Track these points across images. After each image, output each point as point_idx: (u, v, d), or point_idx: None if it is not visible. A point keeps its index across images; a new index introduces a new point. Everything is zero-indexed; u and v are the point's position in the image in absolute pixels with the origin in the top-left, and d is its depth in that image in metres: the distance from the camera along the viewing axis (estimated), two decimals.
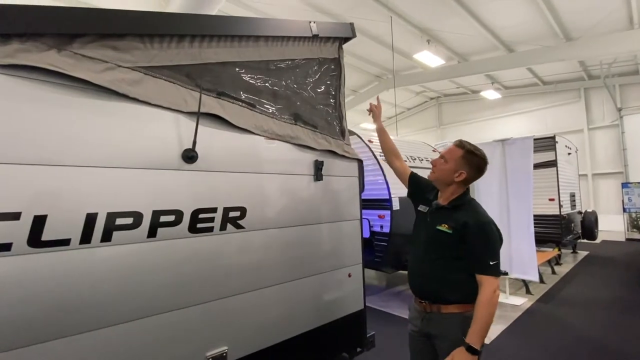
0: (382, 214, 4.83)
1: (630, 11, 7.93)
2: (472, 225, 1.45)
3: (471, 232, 1.44)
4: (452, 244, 1.48)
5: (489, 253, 1.42)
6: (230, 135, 1.83)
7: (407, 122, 17.80)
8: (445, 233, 1.49)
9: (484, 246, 1.44)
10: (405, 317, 4.25)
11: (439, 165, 1.61)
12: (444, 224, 1.51)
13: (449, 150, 1.60)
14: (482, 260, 1.42)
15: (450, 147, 1.61)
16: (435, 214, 1.59)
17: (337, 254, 2.32)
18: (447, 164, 1.57)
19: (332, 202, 2.31)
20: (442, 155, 1.61)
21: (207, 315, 1.67)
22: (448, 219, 1.51)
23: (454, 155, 1.57)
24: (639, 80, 11.54)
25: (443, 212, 1.56)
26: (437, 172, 1.61)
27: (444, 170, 1.58)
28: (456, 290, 1.47)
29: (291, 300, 2.04)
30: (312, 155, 2.21)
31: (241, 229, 1.81)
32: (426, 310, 1.54)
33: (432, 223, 1.56)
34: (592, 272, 6.30)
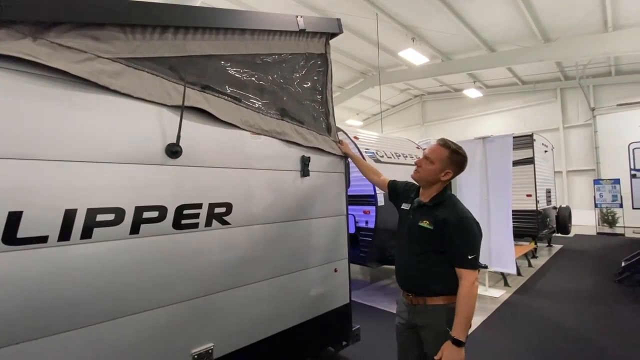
0: (368, 210, 4.89)
1: (605, 14, 8.27)
2: (451, 221, 1.49)
3: (451, 227, 1.49)
4: (434, 239, 1.53)
5: (468, 247, 1.47)
6: (216, 130, 1.80)
7: (391, 119, 17.99)
8: (427, 229, 1.54)
9: (463, 241, 1.48)
10: (390, 310, 4.34)
11: (425, 165, 1.63)
12: (425, 220, 1.56)
13: (434, 151, 1.62)
14: (461, 254, 1.47)
15: (434, 148, 1.63)
16: (418, 211, 1.64)
17: (323, 250, 2.34)
18: (434, 164, 1.60)
19: (319, 198, 2.32)
20: (426, 156, 1.64)
21: (192, 313, 1.65)
22: (429, 215, 1.56)
23: (440, 155, 1.59)
24: (611, 81, 12.08)
25: (425, 209, 1.61)
26: (421, 172, 1.64)
27: (429, 170, 1.61)
28: (440, 283, 1.52)
29: (278, 296, 2.04)
30: (298, 151, 2.21)
31: (227, 225, 1.79)
32: (412, 302, 1.59)
33: (415, 220, 1.61)
34: (565, 265, 6.61)
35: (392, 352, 3.25)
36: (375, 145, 5.50)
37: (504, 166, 5.02)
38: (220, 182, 1.79)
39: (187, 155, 1.66)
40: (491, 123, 14.66)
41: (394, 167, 5.46)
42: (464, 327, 1.40)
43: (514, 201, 5.91)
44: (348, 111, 16.88)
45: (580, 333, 3.60)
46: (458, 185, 5.84)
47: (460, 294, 1.43)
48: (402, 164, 5.77)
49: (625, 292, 4.87)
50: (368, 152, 5.16)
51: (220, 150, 1.81)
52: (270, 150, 2.05)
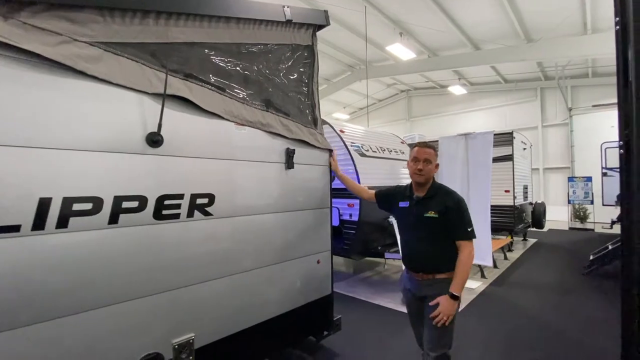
0: (352, 203, 4.94)
1: (585, 17, 8.55)
2: (451, 206, 1.81)
3: (452, 211, 1.80)
4: (438, 225, 1.82)
5: (466, 223, 1.81)
6: (199, 120, 1.77)
7: (377, 113, 18.10)
8: (433, 217, 1.82)
9: (462, 219, 1.81)
10: (370, 301, 4.42)
11: (426, 167, 1.88)
12: (430, 211, 1.83)
13: (427, 153, 1.90)
14: (462, 229, 1.79)
15: (426, 150, 1.90)
16: (419, 205, 1.90)
17: (307, 242, 2.36)
18: (432, 163, 1.90)
19: (303, 191, 2.34)
20: (425, 159, 1.88)
21: (173, 303, 1.65)
22: (431, 206, 1.85)
23: (432, 155, 1.90)
24: (588, 83, 12.55)
25: (425, 202, 1.89)
26: (427, 174, 1.89)
27: (431, 169, 1.90)
28: (446, 262, 1.81)
29: (260, 287, 2.06)
30: (283, 143, 2.20)
31: (209, 216, 1.78)
32: (423, 278, 1.88)
33: (419, 212, 1.87)
34: (539, 258, 6.92)
35: (372, 340, 3.36)
36: (361, 139, 5.54)
37: (484, 162, 5.17)
38: (202, 172, 1.77)
39: (168, 145, 1.63)
40: (474, 120, 15.00)
41: (379, 162, 5.53)
42: (461, 286, 1.73)
43: (493, 196, 6.11)
44: (335, 104, 16.86)
45: (550, 322, 3.80)
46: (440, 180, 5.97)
47: (461, 261, 1.76)
48: (387, 159, 5.85)
49: (592, 284, 5.16)
50: (354, 146, 5.20)
51: (203, 141, 1.79)
52: (254, 141, 2.04)
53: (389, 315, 4.05)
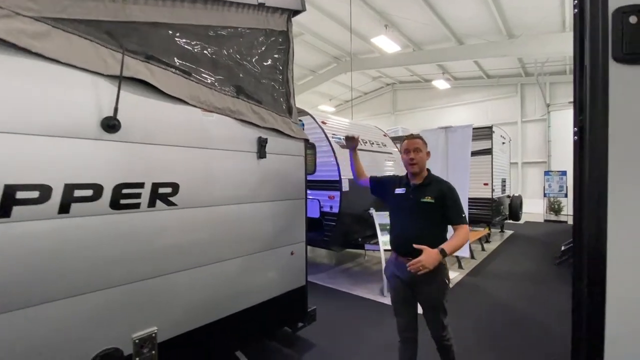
0: (332, 195, 4.93)
1: (564, 15, 8.73)
2: (446, 192, 1.96)
3: (447, 197, 1.94)
4: (434, 210, 1.94)
5: (459, 208, 1.96)
6: (161, 105, 1.68)
7: (363, 106, 18.10)
8: (430, 203, 1.94)
9: (456, 205, 1.96)
10: (349, 292, 4.44)
11: (418, 157, 2.00)
12: (427, 196, 1.96)
13: (416, 143, 2.02)
14: (457, 214, 1.94)
15: (414, 141, 2.03)
16: (416, 191, 2.02)
17: (280, 233, 2.32)
18: (422, 152, 2.02)
19: (276, 181, 2.28)
20: (414, 149, 2.00)
21: (133, 296, 1.57)
22: (428, 192, 1.97)
23: (419, 144, 2.03)
24: (566, 79, 12.90)
25: (422, 189, 2.01)
26: (420, 163, 2.01)
27: (422, 158, 2.03)
28: (436, 244, 1.86)
29: (230, 279, 2.01)
30: (255, 131, 2.13)
31: (173, 206, 1.71)
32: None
33: (416, 198, 1.99)
34: (515, 249, 7.14)
35: (349, 331, 3.38)
36: (343, 131, 5.50)
37: (463, 155, 5.25)
38: (165, 160, 1.68)
39: (127, 131, 1.54)
40: (457, 114, 15.22)
41: (360, 154, 5.52)
42: (452, 249, 1.84)
43: (472, 189, 6.24)
44: (321, 96, 16.74)
45: (524, 311, 3.93)
46: None
47: (459, 234, 1.91)
48: (369, 151, 5.84)
49: (563, 274, 5.36)
50: (335, 137, 5.16)
51: (165, 127, 1.70)
52: (223, 129, 1.96)
53: (367, 306, 4.08)
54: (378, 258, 6.09)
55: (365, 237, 5.43)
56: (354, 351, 2.95)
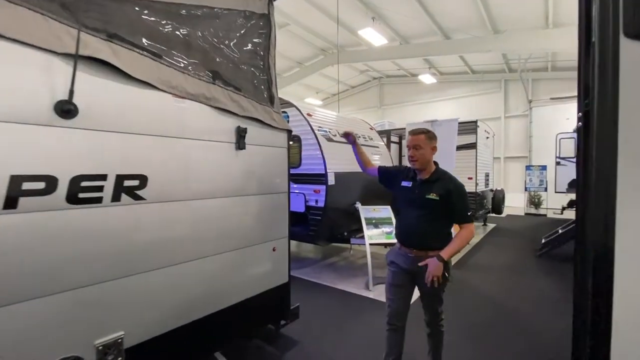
0: (318, 189, 4.83)
1: (547, 11, 8.83)
2: (453, 191, 1.93)
3: (453, 196, 1.92)
4: (438, 207, 1.93)
5: (466, 208, 1.96)
6: (126, 89, 1.52)
7: (350, 100, 18.00)
8: (434, 200, 1.92)
9: (463, 204, 1.96)
10: (334, 286, 4.38)
11: (417, 153, 1.99)
12: (432, 193, 1.94)
13: (416, 139, 2.00)
14: (463, 214, 1.94)
15: (414, 138, 2.01)
16: (422, 187, 2.01)
17: (261, 228, 2.20)
18: (423, 148, 1.98)
19: (256, 174, 2.16)
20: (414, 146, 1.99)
21: (94, 299, 1.43)
22: (434, 189, 1.95)
23: (420, 141, 1.98)
24: (547, 76, 13.17)
25: (428, 184, 1.99)
26: (419, 159, 1.99)
27: (422, 154, 1.99)
28: (438, 239, 1.95)
29: (206, 277, 1.88)
30: (233, 120, 2.00)
31: (141, 200, 1.56)
32: (416, 255, 1.98)
33: (421, 193, 1.99)
34: (497, 242, 7.27)
35: (333, 327, 3.32)
36: (329, 124, 5.39)
37: (448, 149, 5.24)
38: (131, 150, 1.53)
39: (85, 116, 1.38)
40: (443, 109, 15.33)
41: (346, 147, 5.43)
42: (451, 253, 1.89)
43: None
44: (308, 89, 16.52)
45: (505, 302, 4.00)
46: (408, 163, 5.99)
47: (461, 235, 1.91)
48: None
49: (544, 265, 5.48)
50: (321, 130, 5.05)
51: (131, 114, 1.54)
52: (197, 117, 1.81)
53: (352, 300, 4.04)
54: (363, 252, 6.06)
55: (351, 231, 5.38)
56: (339, 347, 2.89)
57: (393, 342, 2.11)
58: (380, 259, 5.81)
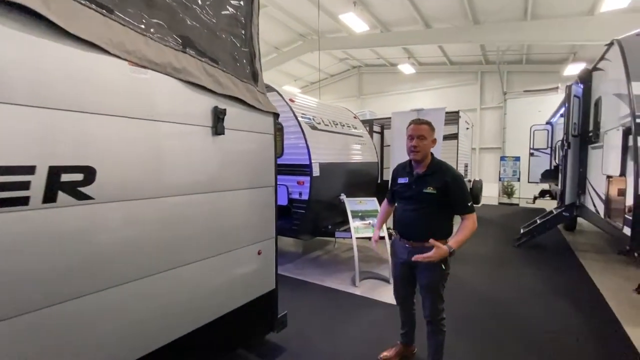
0: (302, 180, 4.52)
1: (527, 2, 8.87)
2: (451, 182, 1.89)
3: (451, 187, 1.88)
4: (436, 200, 1.90)
5: (466, 198, 1.90)
6: (63, 51, 1.13)
7: (330, 88, 17.64)
8: (432, 193, 1.89)
9: (462, 194, 1.91)
10: (321, 284, 4.16)
11: (421, 144, 1.92)
12: (429, 187, 1.90)
13: (420, 129, 1.93)
14: (464, 204, 1.90)
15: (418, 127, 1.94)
16: (419, 181, 1.97)
17: (244, 229, 1.87)
18: (427, 139, 1.93)
19: (238, 164, 1.81)
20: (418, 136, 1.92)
21: (18, 331, 1.06)
22: (431, 182, 1.91)
23: (425, 131, 1.93)
24: (522, 69, 13.47)
25: (425, 178, 1.95)
26: (422, 150, 1.93)
27: (426, 145, 1.94)
28: (437, 231, 1.93)
29: (174, 293, 1.54)
30: (209, 99, 1.63)
31: (86, 199, 1.19)
32: (413, 246, 1.98)
33: (418, 188, 1.95)
34: (476, 232, 7.31)
35: (322, 329, 3.08)
36: (313, 112, 5.06)
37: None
38: (71, 134, 1.15)
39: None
40: (421, 100, 15.36)
41: (331, 136, 5.14)
42: (460, 243, 1.87)
43: None
44: (285, 76, 15.94)
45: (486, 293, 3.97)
46: (392, 154, 5.83)
47: (467, 225, 1.89)
48: (341, 133, 5.48)
49: (523, 255, 5.55)
50: (305, 118, 4.71)
51: (69, 84, 1.15)
52: (163, 93, 1.44)
53: (339, 298, 3.82)
54: (348, 245, 5.86)
55: (335, 224, 5.14)
56: (329, 352, 2.67)
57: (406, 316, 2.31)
58: (366, 252, 5.64)
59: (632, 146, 3.10)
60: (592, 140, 4.84)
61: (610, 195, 3.92)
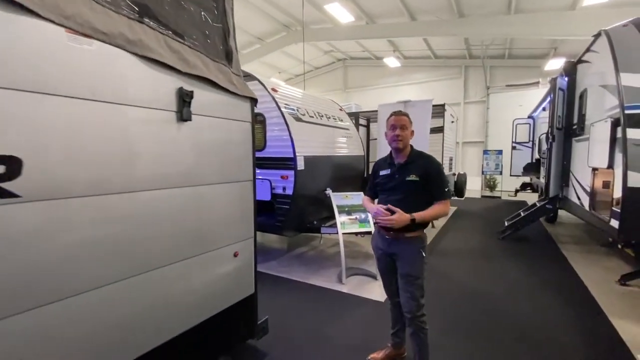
0: (285, 175, 4.31)
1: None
2: (432, 171, 1.98)
3: (432, 174, 1.97)
4: (418, 188, 1.97)
5: (444, 185, 1.97)
6: None
7: (314, 81, 17.37)
8: (415, 181, 1.96)
9: (441, 182, 1.98)
10: (306, 281, 3.99)
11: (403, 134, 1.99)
12: (412, 174, 1.97)
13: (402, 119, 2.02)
14: (440, 190, 1.97)
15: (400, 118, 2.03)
16: (401, 170, 2.03)
17: (217, 230, 1.66)
18: (408, 129, 2.02)
19: (209, 155, 1.59)
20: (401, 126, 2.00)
21: None
22: (413, 170, 1.98)
23: (405, 122, 2.02)
24: (504, 64, 13.63)
25: (407, 167, 2.02)
26: (405, 140, 2.01)
27: (407, 135, 2.02)
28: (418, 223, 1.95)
29: (134, 304, 1.32)
30: (174, 79, 1.40)
31: (9, 197, 0.96)
32: (394, 237, 2.02)
33: (401, 177, 2.01)
34: (461, 225, 7.35)
35: (306, 331, 2.92)
36: (297, 102, 4.84)
37: (422, 130, 4.99)
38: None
39: None
40: (406, 93, 15.32)
41: (316, 128, 4.94)
42: (423, 217, 1.92)
43: None
44: (269, 68, 15.54)
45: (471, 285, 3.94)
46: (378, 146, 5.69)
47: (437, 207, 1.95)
48: (326, 125, 5.28)
49: (508, 248, 5.57)
50: (288, 108, 4.48)
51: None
52: (113, 69, 1.20)
53: (325, 297, 3.67)
54: (334, 241, 5.72)
55: (321, 219, 4.98)
56: (314, 356, 2.51)
57: (397, 315, 2.26)
58: (352, 247, 5.51)
59: (620, 138, 3.06)
60: (576, 133, 4.85)
61: (596, 188, 3.92)
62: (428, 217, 1.94)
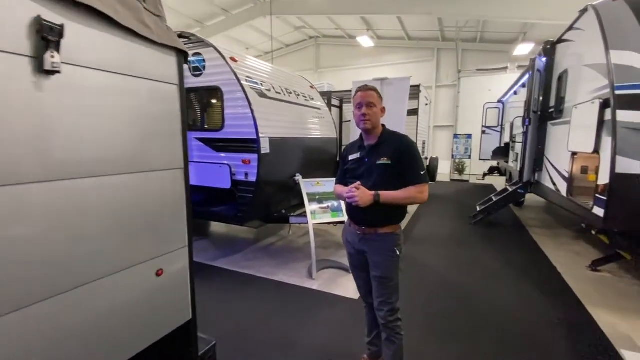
0: (248, 159, 3.78)
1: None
2: (404, 150, 1.74)
3: (405, 155, 1.73)
4: (391, 172, 1.73)
5: (419, 167, 1.74)
6: None
7: (284, 60, 16.44)
8: (386, 165, 1.73)
9: (415, 163, 1.74)
10: (272, 278, 3.60)
11: (371, 112, 1.75)
12: (383, 157, 1.74)
13: (370, 96, 1.76)
14: (415, 174, 1.72)
15: (368, 94, 1.76)
16: (372, 153, 1.80)
17: (125, 242, 1.14)
18: (376, 107, 1.77)
19: (103, 131, 1.05)
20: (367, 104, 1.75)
21: None
22: (384, 153, 1.75)
23: (373, 98, 1.77)
24: (475, 47, 13.58)
25: (377, 149, 1.78)
26: (372, 119, 1.76)
27: (376, 113, 1.77)
28: (390, 214, 1.76)
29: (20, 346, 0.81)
30: (25, 3, 0.84)
31: None
32: (364, 233, 1.82)
33: (371, 161, 1.78)
34: (433, 210, 7.24)
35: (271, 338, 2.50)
36: (261, 76, 4.23)
37: (399, 110, 4.63)
38: None
39: None
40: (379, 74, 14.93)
41: (283, 106, 4.39)
42: (389, 198, 1.68)
43: None
44: (235, 43, 14.40)
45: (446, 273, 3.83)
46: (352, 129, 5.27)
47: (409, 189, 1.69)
48: (295, 104, 4.74)
49: (480, 233, 5.51)
50: (250, 82, 3.88)
51: None
52: None
53: (293, 295, 3.28)
54: (305, 229, 5.31)
55: (290, 208, 4.53)
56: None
57: (372, 319, 2.02)
58: (324, 237, 5.15)
59: (609, 121, 2.84)
60: (552, 117, 4.72)
61: (574, 174, 3.78)
62: (397, 199, 1.67)
